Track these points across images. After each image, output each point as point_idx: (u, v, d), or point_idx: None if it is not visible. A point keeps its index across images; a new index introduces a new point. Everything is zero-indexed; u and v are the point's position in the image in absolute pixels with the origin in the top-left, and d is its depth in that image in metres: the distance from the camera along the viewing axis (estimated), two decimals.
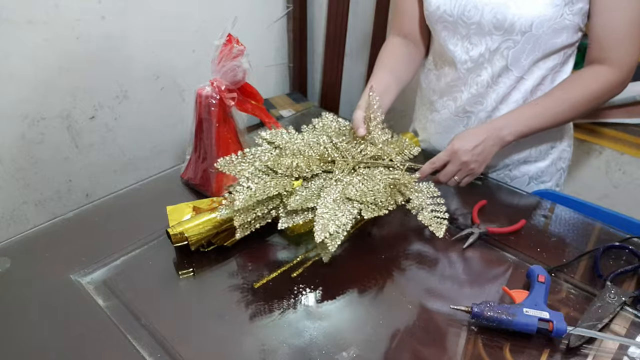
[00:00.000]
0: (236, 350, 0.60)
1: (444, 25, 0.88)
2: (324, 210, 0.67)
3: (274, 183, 0.69)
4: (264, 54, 1.92)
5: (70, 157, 1.45)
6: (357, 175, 0.76)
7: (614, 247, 0.76)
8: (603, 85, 0.82)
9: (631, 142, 1.46)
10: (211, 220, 0.74)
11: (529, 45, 0.82)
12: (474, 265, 0.74)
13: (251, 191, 0.67)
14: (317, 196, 0.70)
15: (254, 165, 0.72)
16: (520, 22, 0.80)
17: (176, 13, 1.53)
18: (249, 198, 0.66)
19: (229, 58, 0.81)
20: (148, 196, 0.89)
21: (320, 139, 0.81)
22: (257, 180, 0.70)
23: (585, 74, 0.83)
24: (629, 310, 0.66)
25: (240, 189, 0.68)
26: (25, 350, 0.60)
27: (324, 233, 0.64)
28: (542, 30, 0.80)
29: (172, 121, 1.69)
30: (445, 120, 0.98)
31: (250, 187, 0.68)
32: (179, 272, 0.72)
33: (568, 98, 0.82)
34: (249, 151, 0.76)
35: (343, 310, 0.66)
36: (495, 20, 0.82)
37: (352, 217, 0.68)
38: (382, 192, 0.72)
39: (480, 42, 0.86)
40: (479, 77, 0.89)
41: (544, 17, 0.79)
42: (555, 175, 1.01)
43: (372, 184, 0.73)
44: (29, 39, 1.25)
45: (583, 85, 0.82)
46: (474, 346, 0.61)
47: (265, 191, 0.68)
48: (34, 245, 0.77)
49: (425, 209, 0.74)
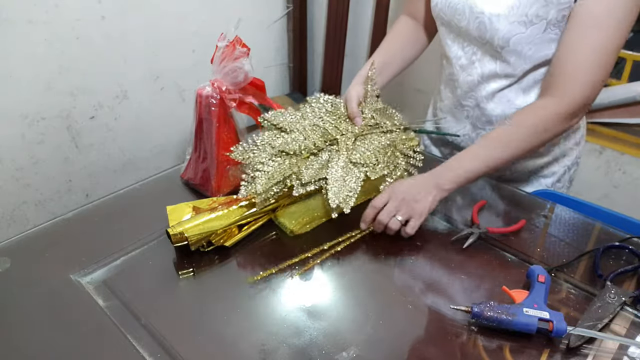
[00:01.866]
0: (236, 350, 0.60)
1: (441, 22, 0.91)
2: (334, 178, 0.76)
3: (288, 163, 0.77)
4: (264, 54, 1.93)
5: (70, 157, 1.45)
6: (359, 143, 0.83)
7: (613, 247, 0.76)
8: (544, 120, 0.77)
9: (631, 142, 1.46)
10: (211, 220, 0.74)
11: (511, 58, 0.83)
12: (474, 265, 0.74)
13: (269, 174, 0.75)
14: (325, 167, 0.78)
15: (267, 151, 0.78)
16: (498, 37, 0.80)
17: (176, 13, 1.53)
18: (267, 181, 0.74)
19: (230, 59, 0.81)
20: (148, 196, 0.89)
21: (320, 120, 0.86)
22: (272, 163, 0.76)
23: (528, 110, 0.79)
24: (629, 310, 0.66)
25: (259, 174, 0.75)
26: (25, 350, 0.60)
27: (337, 199, 0.74)
28: (521, 47, 0.80)
29: (172, 121, 1.69)
30: (449, 110, 1.00)
31: (267, 171, 0.75)
32: (179, 272, 0.72)
33: (508, 140, 0.78)
34: (259, 138, 0.81)
35: (343, 310, 0.66)
36: (478, 31, 0.83)
37: (360, 180, 0.77)
38: (382, 153, 0.81)
39: (470, 44, 0.88)
40: (470, 76, 0.91)
41: (521, 34, 0.78)
42: (558, 172, 0.99)
43: (372, 147, 0.82)
44: (29, 39, 1.25)
45: (526, 123, 0.78)
46: (474, 346, 0.61)
47: (281, 172, 0.75)
48: (34, 245, 0.77)
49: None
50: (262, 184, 0.74)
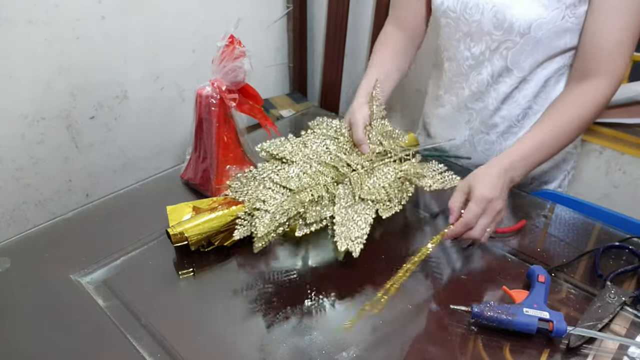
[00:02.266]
0: (236, 350, 0.60)
1: (447, 21, 0.89)
2: (341, 217, 0.66)
3: (291, 202, 0.67)
4: (264, 54, 1.93)
5: (70, 157, 1.45)
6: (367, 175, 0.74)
7: (613, 247, 0.76)
8: (598, 105, 0.78)
9: (631, 142, 1.46)
10: (211, 220, 0.74)
11: (528, 47, 0.82)
12: (474, 265, 0.74)
13: (271, 215, 0.65)
14: (332, 203, 0.69)
15: (267, 187, 0.69)
16: (518, 24, 0.79)
17: (176, 13, 1.53)
18: (270, 222, 0.64)
19: (230, 59, 0.81)
20: (148, 196, 0.89)
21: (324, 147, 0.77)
22: (273, 201, 0.67)
23: (581, 99, 0.79)
24: (629, 310, 0.66)
25: (259, 214, 0.65)
26: (25, 350, 0.60)
27: (345, 242, 0.64)
28: (541, 33, 0.79)
29: (172, 121, 1.69)
30: (449, 116, 0.98)
31: (268, 210, 0.66)
32: (179, 272, 0.72)
33: (568, 130, 0.78)
34: (257, 170, 0.73)
35: (343, 310, 0.66)
36: (495, 20, 0.82)
37: (370, 219, 0.68)
38: (393, 186, 0.72)
39: (480, 40, 0.86)
40: (480, 75, 0.89)
41: (542, 19, 0.78)
42: (559, 177, 1.00)
43: (382, 181, 0.73)
44: (29, 39, 1.25)
45: (583, 113, 0.78)
46: (474, 346, 0.61)
47: (285, 213, 0.66)
48: (34, 245, 0.77)
49: (436, 180, 0.76)
50: (264, 225, 0.64)
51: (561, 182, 1.01)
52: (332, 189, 0.68)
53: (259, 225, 0.63)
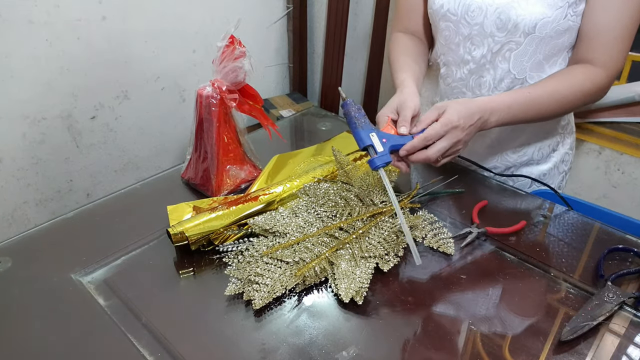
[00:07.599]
0: (236, 350, 0.60)
1: (446, 24, 0.88)
2: (341, 274, 0.68)
3: (289, 274, 0.67)
4: (264, 54, 1.93)
5: (71, 157, 1.45)
6: (363, 235, 0.74)
7: (617, 249, 0.75)
8: (593, 86, 0.80)
9: (631, 142, 1.46)
10: (211, 220, 0.74)
11: (531, 47, 0.82)
12: (474, 265, 0.74)
13: (269, 288, 0.66)
14: (330, 264, 0.70)
15: (263, 260, 0.69)
16: (524, 23, 0.79)
17: (176, 13, 1.54)
18: (267, 296, 0.65)
19: (230, 59, 0.81)
20: (148, 196, 0.90)
21: (316, 215, 0.76)
22: (270, 274, 0.67)
23: (578, 71, 0.81)
24: (629, 310, 0.66)
25: (257, 287, 0.65)
26: (25, 349, 0.60)
27: (349, 293, 0.65)
28: (545, 32, 0.80)
29: (173, 121, 1.69)
30: None
31: (267, 284, 0.66)
32: (179, 271, 0.72)
33: (559, 94, 0.80)
34: (253, 245, 0.72)
35: (343, 310, 0.66)
36: (499, 21, 0.81)
37: (370, 271, 0.69)
38: (389, 240, 0.74)
39: (482, 43, 0.85)
40: (482, 78, 0.88)
41: (547, 18, 0.78)
42: (557, 178, 1.01)
43: (378, 237, 0.74)
44: (29, 39, 1.25)
45: (577, 84, 0.80)
46: (474, 346, 0.61)
47: (283, 284, 0.66)
48: (35, 245, 0.77)
49: (428, 235, 0.77)
50: (262, 298, 0.64)
51: (560, 183, 1.02)
52: (333, 258, 0.69)
53: (257, 298, 0.64)
